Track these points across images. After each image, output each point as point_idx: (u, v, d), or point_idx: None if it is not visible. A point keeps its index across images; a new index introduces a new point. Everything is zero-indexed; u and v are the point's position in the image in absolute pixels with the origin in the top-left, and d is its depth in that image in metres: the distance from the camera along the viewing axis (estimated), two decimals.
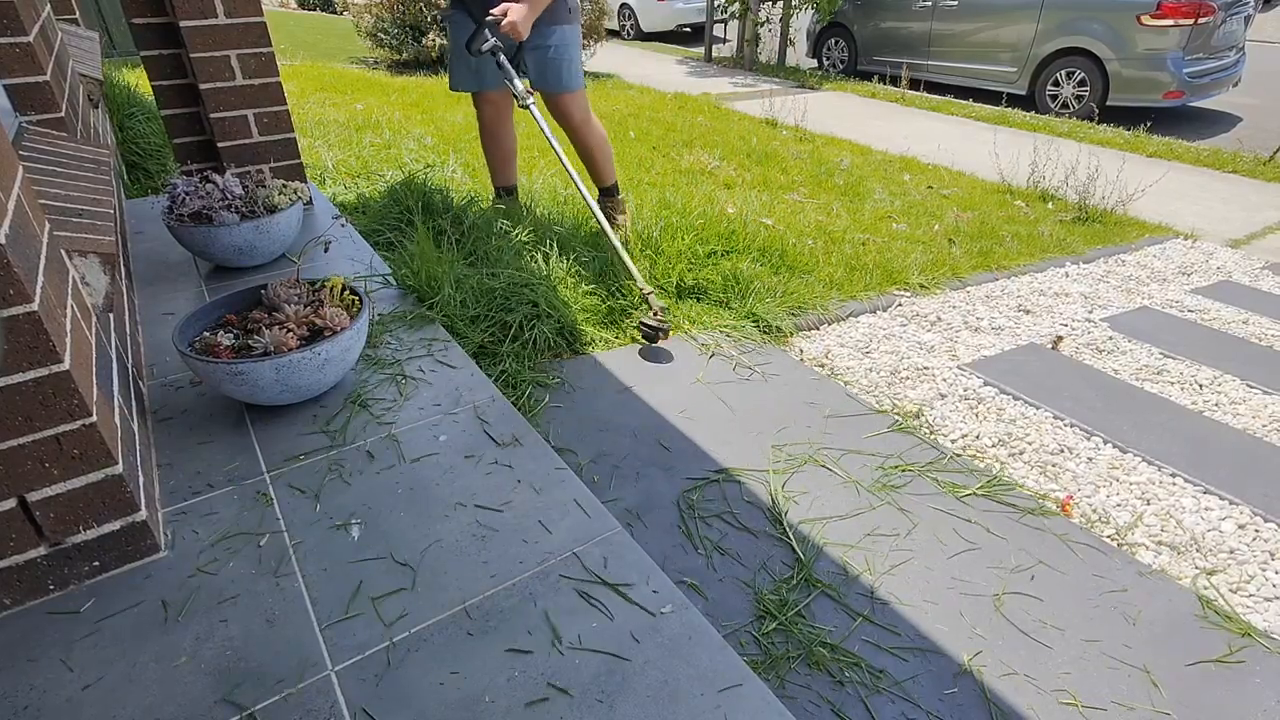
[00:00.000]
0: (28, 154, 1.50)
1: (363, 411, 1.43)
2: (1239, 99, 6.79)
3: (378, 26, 7.64)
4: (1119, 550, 1.56)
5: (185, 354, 1.31)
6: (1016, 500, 1.67)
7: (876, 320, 2.64)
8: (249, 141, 2.23)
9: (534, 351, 2.20)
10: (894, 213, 3.69)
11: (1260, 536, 1.63)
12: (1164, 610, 1.40)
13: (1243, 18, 6.22)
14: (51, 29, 2.06)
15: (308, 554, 1.10)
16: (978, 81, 7.10)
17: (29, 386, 0.90)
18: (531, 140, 4.50)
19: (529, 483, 1.26)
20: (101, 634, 0.97)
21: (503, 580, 1.07)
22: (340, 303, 1.51)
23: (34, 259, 0.93)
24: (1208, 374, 2.31)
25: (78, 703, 0.89)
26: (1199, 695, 1.24)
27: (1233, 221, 3.95)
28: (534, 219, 2.92)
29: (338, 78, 6.38)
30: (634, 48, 10.63)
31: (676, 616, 1.02)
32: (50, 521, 0.98)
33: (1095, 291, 2.96)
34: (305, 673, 0.93)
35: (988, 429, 2.00)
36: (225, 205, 1.90)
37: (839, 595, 1.40)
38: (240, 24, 2.09)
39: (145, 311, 1.80)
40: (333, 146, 4.00)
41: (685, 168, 4.14)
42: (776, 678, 1.23)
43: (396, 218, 2.88)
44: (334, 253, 2.09)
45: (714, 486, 1.67)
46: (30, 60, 1.65)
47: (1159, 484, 1.80)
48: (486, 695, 0.90)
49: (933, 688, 1.23)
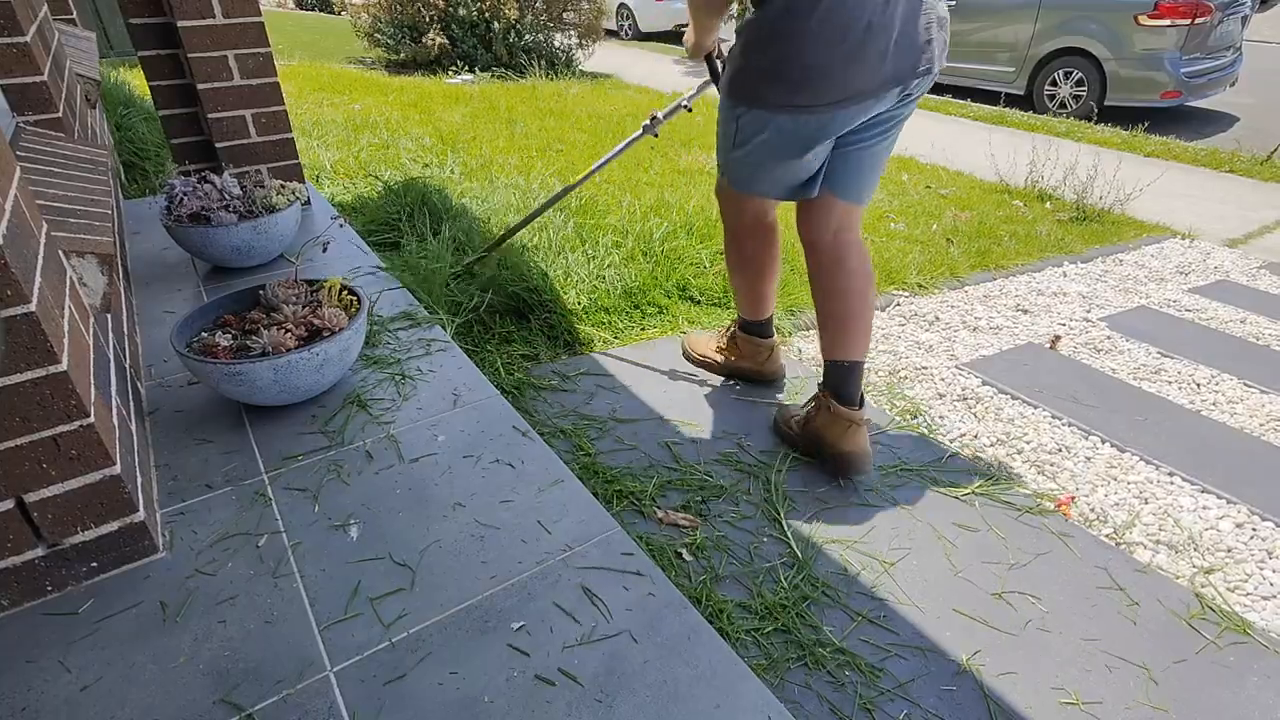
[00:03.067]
0: (25, 154, 1.50)
1: (361, 412, 1.43)
2: (1236, 99, 6.81)
3: (375, 26, 7.64)
4: (1117, 549, 1.57)
5: (183, 354, 1.31)
6: (1015, 499, 1.67)
7: (875, 320, 2.64)
8: (247, 142, 2.23)
9: (533, 351, 2.20)
10: (892, 212, 3.69)
11: (1258, 535, 1.63)
12: (1162, 609, 1.40)
13: (1239, 18, 6.23)
14: (49, 29, 2.05)
15: (306, 554, 1.10)
16: (976, 81, 7.11)
17: (27, 387, 0.90)
18: (530, 140, 4.50)
19: (528, 482, 1.26)
20: (100, 635, 0.97)
21: (502, 580, 1.07)
22: (339, 303, 1.51)
23: (31, 259, 0.93)
24: (1205, 373, 2.32)
25: (76, 704, 0.88)
26: (1197, 693, 1.24)
27: (1230, 221, 3.96)
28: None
29: (335, 78, 6.38)
30: (632, 48, 10.63)
31: (676, 616, 1.02)
32: (48, 522, 0.98)
33: (1093, 291, 2.97)
34: (304, 673, 0.93)
35: (986, 428, 2.01)
36: (223, 206, 1.89)
37: (838, 595, 1.40)
38: (238, 24, 2.08)
39: (143, 312, 1.79)
40: (331, 147, 3.99)
41: (683, 168, 4.14)
42: (776, 678, 1.23)
43: (395, 218, 2.88)
44: (332, 253, 2.09)
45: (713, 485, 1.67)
46: (28, 60, 1.65)
47: (1157, 483, 1.80)
48: (486, 695, 0.90)
49: (932, 687, 1.23)
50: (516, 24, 7.32)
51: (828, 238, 1.67)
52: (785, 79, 1.43)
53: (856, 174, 1.61)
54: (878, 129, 1.55)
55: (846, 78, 1.39)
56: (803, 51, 1.39)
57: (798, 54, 1.39)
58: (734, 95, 1.55)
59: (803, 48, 1.39)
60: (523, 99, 5.76)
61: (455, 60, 7.36)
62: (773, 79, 1.45)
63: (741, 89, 1.53)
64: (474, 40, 7.30)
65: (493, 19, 7.23)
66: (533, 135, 4.65)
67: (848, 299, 1.67)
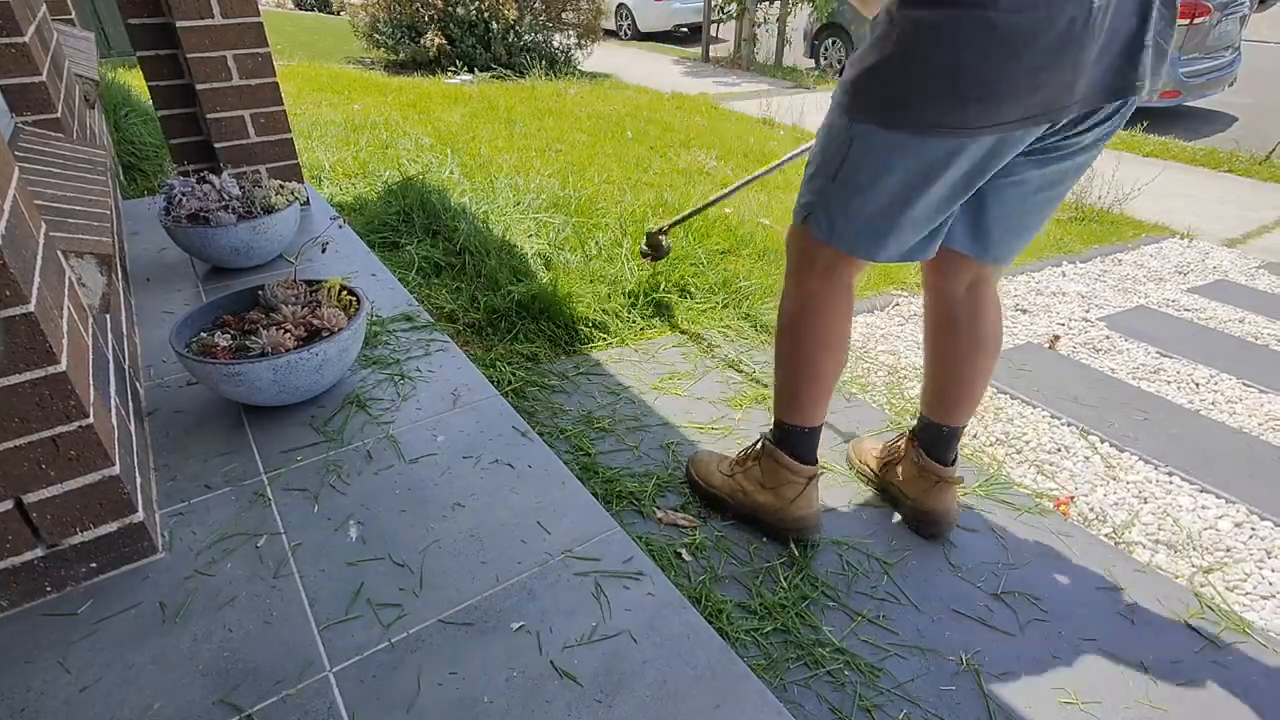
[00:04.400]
0: (24, 154, 1.50)
1: (361, 412, 1.43)
2: (1235, 99, 6.81)
3: (374, 27, 7.64)
4: (1116, 549, 1.57)
5: (182, 355, 1.31)
6: (1014, 499, 1.67)
7: (874, 320, 2.65)
8: (246, 142, 2.23)
9: (534, 351, 2.20)
10: None
11: (1256, 534, 1.63)
12: (1161, 608, 1.41)
13: (1238, 18, 6.23)
14: (47, 29, 2.05)
15: (306, 555, 1.10)
16: None
17: (26, 388, 0.90)
18: (530, 140, 4.50)
19: (528, 483, 1.26)
20: (99, 636, 0.97)
21: (501, 580, 1.07)
22: (338, 303, 1.51)
23: (30, 260, 0.93)
24: (1204, 373, 2.32)
25: (75, 704, 0.88)
26: (1196, 692, 1.24)
27: (1229, 221, 3.97)
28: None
29: (334, 78, 6.37)
30: (631, 48, 10.63)
31: (675, 616, 1.02)
32: (47, 523, 0.98)
33: (1092, 291, 2.97)
34: (303, 674, 0.93)
35: (985, 428, 2.01)
36: (222, 206, 1.89)
37: (838, 595, 1.40)
38: (237, 24, 2.08)
39: (142, 312, 1.79)
40: (330, 147, 3.99)
41: (682, 167, 4.14)
42: (776, 678, 1.23)
43: (394, 218, 2.88)
44: (331, 253, 2.09)
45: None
46: (26, 60, 1.65)
47: (1156, 482, 1.80)
48: (485, 695, 0.90)
49: (932, 687, 1.23)
50: (515, 24, 7.32)
51: (960, 291, 1.33)
52: (951, 86, 0.98)
53: (1001, 220, 1.21)
54: (1049, 161, 1.11)
55: (1035, 87, 0.96)
56: (984, 50, 0.94)
57: (973, 53, 0.95)
58: (855, 108, 1.08)
59: (986, 45, 0.94)
60: (522, 99, 5.76)
61: (454, 60, 7.35)
62: (931, 86, 0.99)
63: (870, 99, 1.06)
64: (473, 40, 7.30)
65: (492, 19, 7.22)
66: (532, 135, 4.64)
67: (973, 366, 1.37)
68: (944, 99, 0.98)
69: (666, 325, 2.40)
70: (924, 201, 1.09)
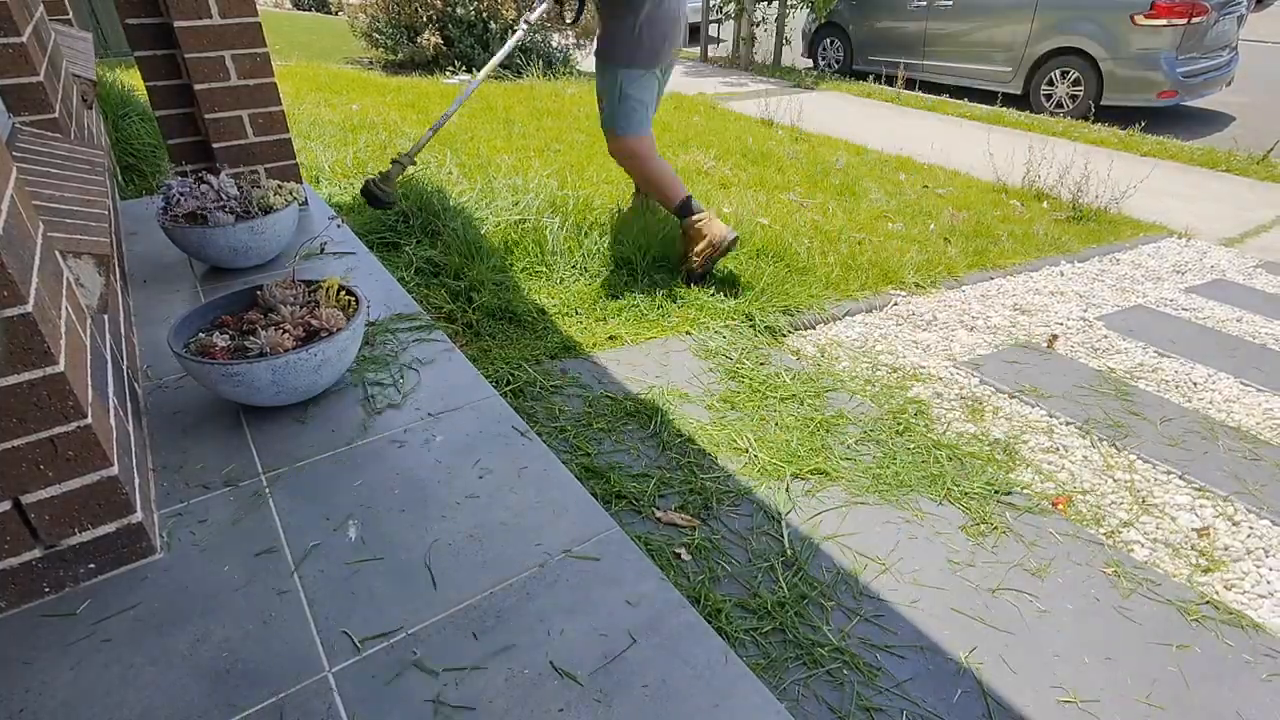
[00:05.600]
0: (21, 155, 1.50)
1: (359, 412, 1.43)
2: (1232, 98, 6.83)
3: (372, 27, 7.63)
4: (1114, 547, 1.57)
5: (180, 355, 1.30)
6: (1012, 498, 1.68)
7: (872, 319, 2.65)
8: (244, 142, 2.23)
9: (533, 352, 2.20)
10: (889, 212, 3.70)
11: (1254, 534, 1.64)
12: (1159, 607, 1.41)
13: (1235, 17, 6.25)
14: (45, 29, 2.05)
15: (305, 555, 1.10)
16: (972, 81, 7.12)
17: (24, 388, 0.90)
18: (528, 140, 4.50)
19: (527, 482, 1.26)
20: (97, 636, 0.97)
21: (500, 580, 1.07)
22: (336, 303, 1.51)
23: (28, 260, 0.93)
24: (1202, 372, 2.33)
25: (74, 705, 0.88)
26: (1195, 690, 1.24)
27: (1226, 220, 3.97)
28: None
29: (333, 78, 6.37)
30: None
31: (674, 616, 1.02)
32: (45, 524, 0.97)
33: (1090, 290, 2.97)
34: (303, 674, 0.93)
35: (983, 428, 2.01)
36: (220, 206, 1.89)
37: (837, 594, 1.40)
38: (235, 24, 2.08)
39: (140, 313, 1.79)
40: (328, 147, 3.99)
41: (681, 167, 4.14)
42: (775, 677, 1.23)
43: (393, 218, 2.88)
44: (330, 253, 2.08)
45: (712, 485, 1.67)
46: (24, 61, 1.65)
47: (1154, 482, 1.80)
48: (485, 695, 0.90)
49: (931, 686, 1.23)
50: (514, 24, 7.31)
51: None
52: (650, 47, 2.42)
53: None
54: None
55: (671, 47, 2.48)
56: (663, 30, 2.42)
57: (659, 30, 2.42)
58: (614, 59, 2.47)
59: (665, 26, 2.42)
60: (520, 99, 5.76)
61: (453, 60, 7.35)
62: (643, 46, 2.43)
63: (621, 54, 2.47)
64: (471, 40, 7.30)
65: (490, 19, 7.22)
66: (530, 135, 4.64)
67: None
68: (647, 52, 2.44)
69: (667, 326, 2.40)
70: (650, 98, 2.52)
